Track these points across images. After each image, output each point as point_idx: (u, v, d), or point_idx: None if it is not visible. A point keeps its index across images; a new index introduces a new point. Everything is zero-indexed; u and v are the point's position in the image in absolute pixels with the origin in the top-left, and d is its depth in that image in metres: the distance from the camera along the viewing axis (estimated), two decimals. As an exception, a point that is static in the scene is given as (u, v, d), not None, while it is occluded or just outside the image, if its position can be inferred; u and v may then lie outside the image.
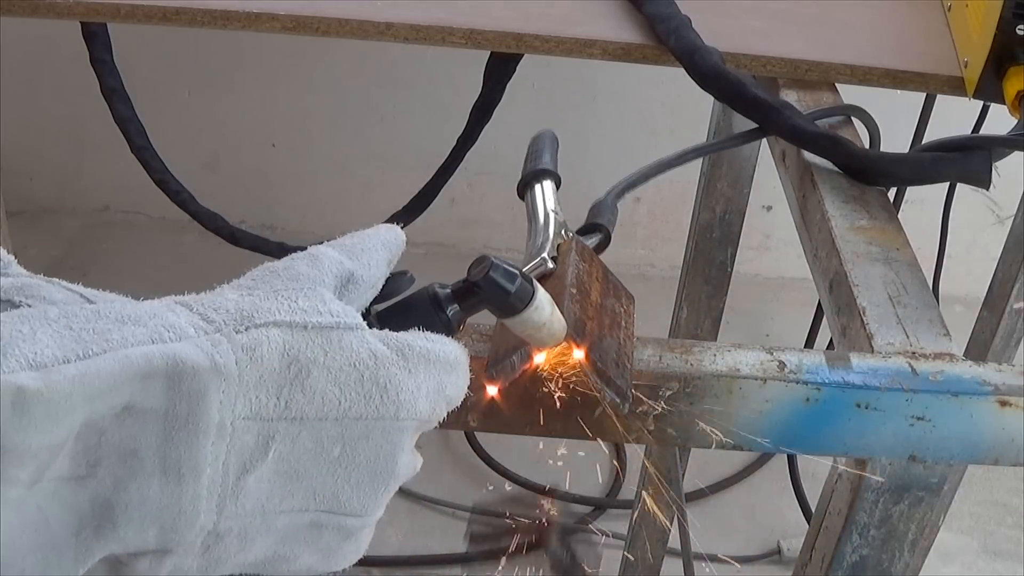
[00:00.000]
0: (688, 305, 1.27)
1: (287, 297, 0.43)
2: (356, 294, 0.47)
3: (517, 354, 0.51)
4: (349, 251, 0.47)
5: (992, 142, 0.73)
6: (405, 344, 0.44)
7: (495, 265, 0.47)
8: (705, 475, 1.94)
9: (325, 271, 0.45)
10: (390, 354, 0.43)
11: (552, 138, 0.67)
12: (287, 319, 0.41)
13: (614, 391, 0.51)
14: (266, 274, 0.45)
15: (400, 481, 0.46)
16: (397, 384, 0.43)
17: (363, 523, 0.46)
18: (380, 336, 0.44)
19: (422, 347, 0.45)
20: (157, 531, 0.39)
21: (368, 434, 0.43)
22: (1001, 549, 1.85)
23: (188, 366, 0.38)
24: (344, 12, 0.83)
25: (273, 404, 0.40)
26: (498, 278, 0.47)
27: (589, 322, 0.53)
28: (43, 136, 2.40)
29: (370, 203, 2.45)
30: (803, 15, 0.91)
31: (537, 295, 0.47)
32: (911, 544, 0.60)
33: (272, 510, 0.42)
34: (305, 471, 0.42)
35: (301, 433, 0.41)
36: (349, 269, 0.46)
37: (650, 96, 2.28)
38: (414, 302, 0.48)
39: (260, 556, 0.43)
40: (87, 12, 0.83)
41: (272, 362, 0.40)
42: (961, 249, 2.34)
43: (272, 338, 0.41)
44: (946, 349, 0.58)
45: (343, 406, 0.42)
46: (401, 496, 1.85)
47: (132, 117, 1.17)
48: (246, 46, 2.25)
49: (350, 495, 0.44)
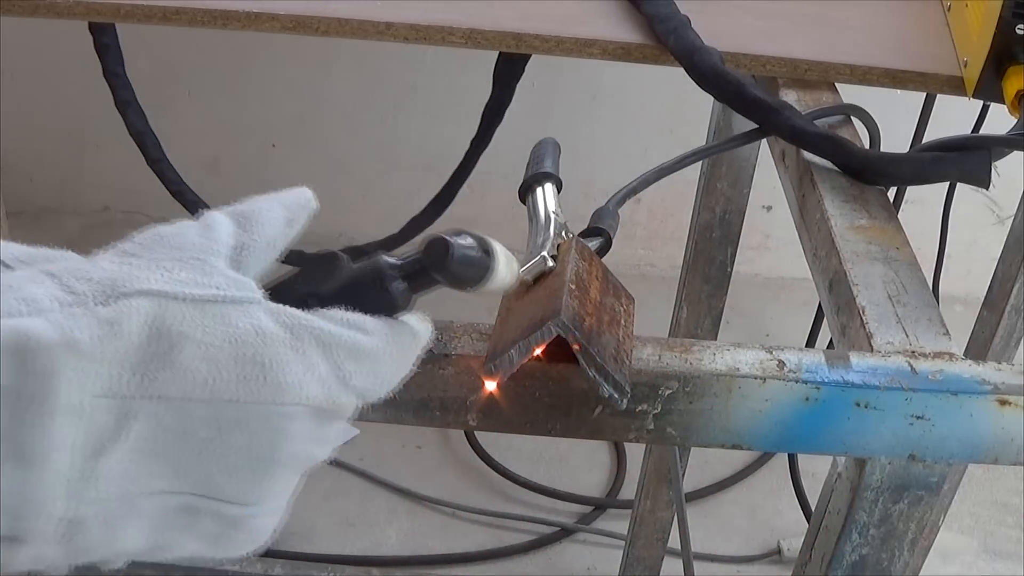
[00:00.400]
0: (688, 305, 1.27)
1: (166, 267, 0.40)
2: (252, 259, 0.43)
3: (516, 348, 0.50)
4: (243, 215, 0.44)
5: (992, 142, 0.73)
6: (299, 322, 0.40)
7: (454, 253, 0.44)
8: (705, 475, 1.94)
9: (216, 239, 0.42)
10: (279, 332, 0.40)
11: (554, 145, 0.68)
12: (159, 288, 0.38)
13: (612, 385, 0.51)
14: (152, 240, 0.41)
15: (296, 471, 0.42)
16: (281, 365, 0.39)
17: (249, 512, 0.42)
18: (273, 312, 0.41)
19: (320, 328, 0.41)
20: (6, 520, 0.36)
21: (244, 418, 0.39)
22: (1001, 549, 1.85)
23: (37, 342, 0.35)
24: (344, 12, 0.83)
25: (134, 381, 0.37)
26: (457, 268, 0.44)
27: (588, 317, 0.53)
28: (43, 136, 2.40)
29: (370, 203, 2.45)
30: (803, 15, 0.91)
31: (496, 271, 0.45)
32: (911, 543, 0.60)
33: (135, 492, 0.39)
34: (170, 452, 0.39)
35: (165, 412, 0.38)
36: (243, 236, 0.43)
37: (650, 96, 2.28)
38: (355, 275, 0.44)
39: (135, 545, 0.40)
40: (87, 12, 0.83)
41: (136, 336, 0.37)
42: (961, 249, 2.34)
43: (138, 309, 0.38)
44: (946, 348, 0.59)
45: (214, 386, 0.38)
46: (401, 496, 1.85)
47: (147, 130, 1.17)
48: (246, 46, 2.25)
49: (225, 481, 0.40)
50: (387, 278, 0.44)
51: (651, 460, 1.40)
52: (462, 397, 0.55)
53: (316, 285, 0.44)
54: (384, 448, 1.94)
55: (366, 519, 1.82)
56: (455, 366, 0.54)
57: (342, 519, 1.81)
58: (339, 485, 1.87)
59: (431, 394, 0.55)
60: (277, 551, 1.72)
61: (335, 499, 1.84)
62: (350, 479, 1.88)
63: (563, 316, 0.50)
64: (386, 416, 0.55)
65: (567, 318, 0.50)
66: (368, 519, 1.82)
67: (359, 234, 2.48)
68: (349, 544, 1.77)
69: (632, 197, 0.72)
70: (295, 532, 1.77)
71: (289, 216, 0.46)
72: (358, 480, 1.88)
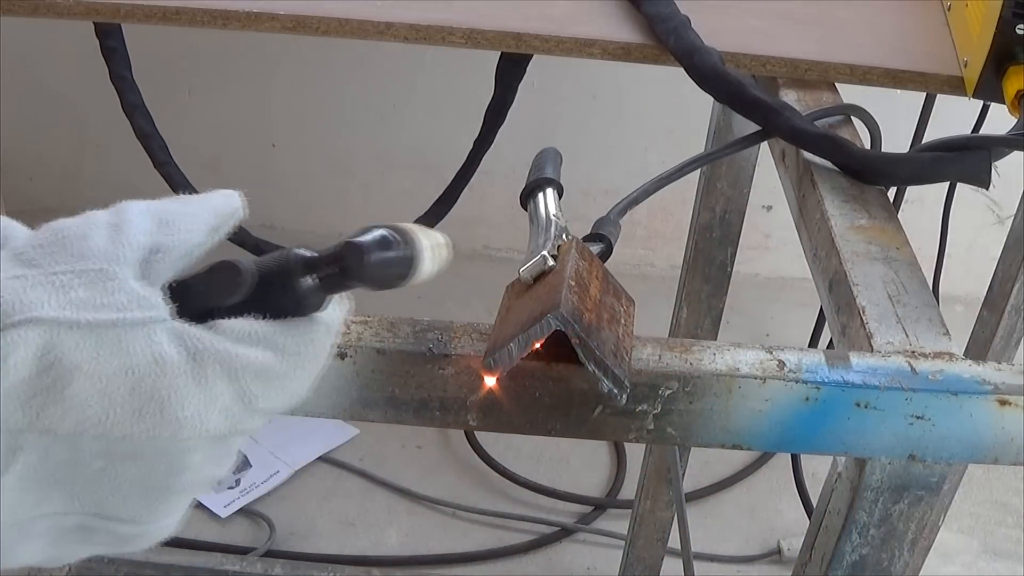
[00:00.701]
0: (688, 305, 1.27)
1: (64, 284, 0.37)
2: (164, 266, 0.40)
3: (515, 342, 0.50)
4: (165, 215, 0.41)
5: (992, 142, 0.73)
6: (203, 346, 0.38)
7: (369, 261, 0.41)
8: (705, 475, 1.94)
9: (126, 243, 0.39)
10: (180, 360, 0.37)
11: (555, 153, 0.68)
12: (54, 315, 0.36)
13: (611, 380, 0.51)
14: (54, 242, 0.39)
15: (193, 494, 0.41)
16: (181, 398, 0.37)
17: (143, 529, 0.40)
18: (176, 334, 0.38)
19: (225, 352, 0.39)
20: None
21: (138, 453, 0.37)
22: (1001, 549, 1.85)
23: None
24: (344, 12, 0.83)
25: (22, 415, 0.35)
26: (375, 273, 0.41)
27: (587, 313, 0.52)
28: (43, 136, 2.40)
29: (370, 203, 2.45)
30: (803, 15, 0.91)
31: (419, 268, 0.42)
32: (911, 544, 0.60)
33: (26, 517, 0.38)
34: (62, 480, 0.37)
35: (54, 445, 0.36)
36: (157, 239, 0.40)
37: (650, 96, 2.28)
38: (264, 273, 0.41)
39: (31, 559, 0.39)
40: (87, 12, 0.83)
41: (24, 369, 0.35)
42: (961, 249, 2.34)
43: (27, 341, 0.35)
44: (946, 348, 0.59)
45: (107, 422, 0.36)
46: (401, 496, 1.85)
47: (154, 132, 1.18)
48: (246, 46, 2.25)
49: (118, 506, 0.39)
50: (295, 276, 0.41)
51: (651, 460, 1.40)
52: (462, 397, 0.55)
53: (220, 299, 0.41)
54: (384, 448, 1.94)
55: (366, 519, 1.82)
56: (455, 366, 0.54)
57: (342, 519, 1.81)
58: (339, 485, 1.87)
59: (431, 394, 0.55)
60: (277, 551, 1.72)
61: (335, 499, 1.84)
62: (350, 479, 1.88)
63: (562, 309, 0.50)
64: (386, 416, 0.55)
65: (566, 311, 0.50)
66: (368, 519, 1.82)
67: (359, 234, 2.49)
68: (349, 544, 1.77)
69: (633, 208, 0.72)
70: (295, 532, 1.77)
71: (215, 223, 0.43)
72: (358, 480, 1.88)
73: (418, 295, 2.30)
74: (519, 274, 0.57)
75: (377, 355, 0.54)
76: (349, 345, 0.53)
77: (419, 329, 0.55)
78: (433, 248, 0.44)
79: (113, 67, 1.11)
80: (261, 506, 1.80)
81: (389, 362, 0.54)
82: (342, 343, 0.54)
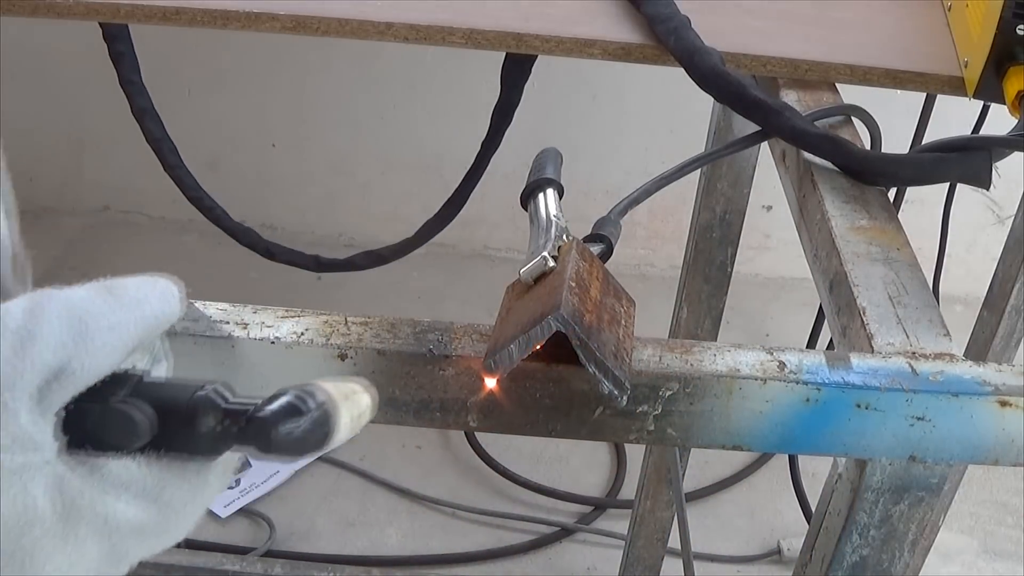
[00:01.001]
0: (688, 305, 1.28)
1: None
2: (67, 391, 0.38)
3: (516, 343, 0.50)
4: (83, 323, 0.38)
5: (992, 142, 0.73)
6: (79, 501, 0.37)
7: (276, 439, 0.38)
8: (705, 475, 1.94)
9: (30, 364, 0.36)
10: (51, 516, 0.36)
11: (556, 153, 0.68)
12: None
13: (611, 382, 0.51)
14: None
15: None
16: (46, 555, 0.36)
17: None
18: (55, 482, 0.37)
19: (100, 512, 0.37)
20: None
21: None
22: (1001, 549, 1.85)
23: None
24: (344, 12, 0.83)
25: None
26: (283, 450, 0.38)
27: (587, 314, 0.52)
28: (43, 136, 2.40)
29: (370, 203, 2.45)
30: (803, 15, 0.91)
31: (334, 438, 0.39)
32: (911, 544, 0.60)
33: None
34: None
35: None
36: (67, 357, 0.37)
37: (650, 96, 2.28)
38: (173, 404, 0.39)
39: None
40: (87, 12, 0.83)
41: None
42: (961, 249, 2.35)
43: None
44: (946, 349, 0.59)
45: None
46: (401, 496, 1.85)
47: (164, 136, 1.18)
48: (246, 46, 2.25)
49: None
50: (201, 421, 0.39)
51: (651, 460, 1.40)
52: (462, 398, 0.55)
53: (112, 445, 0.39)
54: (384, 448, 1.94)
55: (366, 519, 1.82)
56: (455, 367, 0.54)
57: (342, 519, 1.81)
58: (339, 485, 1.87)
59: (431, 395, 0.55)
60: (277, 551, 1.72)
61: (335, 499, 1.84)
62: (350, 479, 1.88)
63: (563, 311, 0.50)
64: (387, 417, 0.55)
65: (567, 313, 0.50)
66: (368, 519, 1.82)
67: (359, 234, 2.49)
68: (349, 544, 1.77)
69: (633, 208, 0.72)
70: (295, 532, 1.77)
71: (140, 338, 0.40)
72: (358, 480, 1.88)
73: (418, 295, 2.31)
74: (519, 275, 0.57)
75: (378, 356, 0.54)
76: (350, 346, 0.53)
77: (419, 330, 0.55)
78: (354, 415, 0.40)
79: (122, 71, 1.11)
80: (261, 506, 1.81)
81: (389, 363, 0.54)
82: (342, 344, 0.54)
